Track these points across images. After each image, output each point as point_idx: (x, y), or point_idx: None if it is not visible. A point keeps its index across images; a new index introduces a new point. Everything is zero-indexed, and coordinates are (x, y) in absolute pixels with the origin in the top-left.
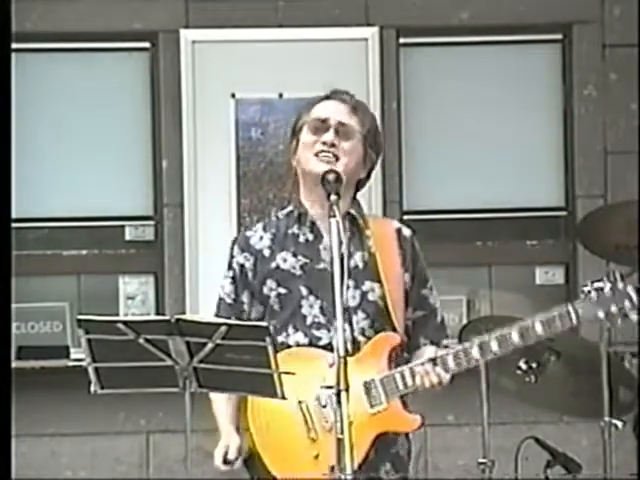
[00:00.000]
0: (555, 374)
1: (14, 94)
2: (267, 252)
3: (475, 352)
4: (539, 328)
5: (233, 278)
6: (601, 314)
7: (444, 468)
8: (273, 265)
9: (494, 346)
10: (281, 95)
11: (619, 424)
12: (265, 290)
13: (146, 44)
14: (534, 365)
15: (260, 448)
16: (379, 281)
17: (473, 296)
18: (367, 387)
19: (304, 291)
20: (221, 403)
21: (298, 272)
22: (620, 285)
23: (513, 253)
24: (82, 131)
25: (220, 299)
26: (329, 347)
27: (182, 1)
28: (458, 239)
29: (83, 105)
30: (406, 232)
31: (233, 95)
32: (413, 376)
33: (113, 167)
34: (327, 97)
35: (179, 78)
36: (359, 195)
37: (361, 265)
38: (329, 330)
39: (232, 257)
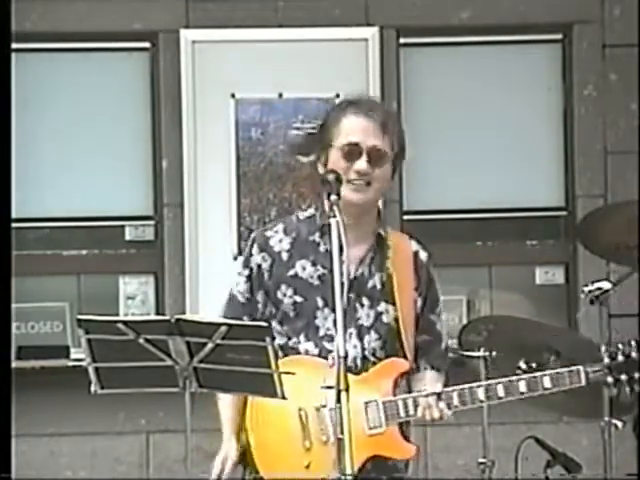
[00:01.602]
0: None
1: (14, 94)
2: (285, 256)
3: (481, 394)
4: (547, 382)
5: (249, 277)
6: (610, 379)
7: (444, 468)
8: (292, 272)
9: (500, 392)
10: (281, 95)
11: (619, 424)
12: (279, 294)
13: (146, 44)
14: (534, 365)
15: (254, 447)
16: (394, 303)
17: (473, 296)
18: (368, 408)
19: (320, 302)
20: (225, 408)
21: (316, 282)
22: (634, 354)
23: (513, 253)
24: (82, 131)
25: (231, 296)
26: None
27: (182, 1)
28: (458, 239)
29: (83, 105)
30: (423, 256)
31: (233, 95)
32: (415, 406)
33: (113, 167)
34: (354, 108)
35: (179, 78)
36: None
37: (379, 286)
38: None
39: (250, 255)
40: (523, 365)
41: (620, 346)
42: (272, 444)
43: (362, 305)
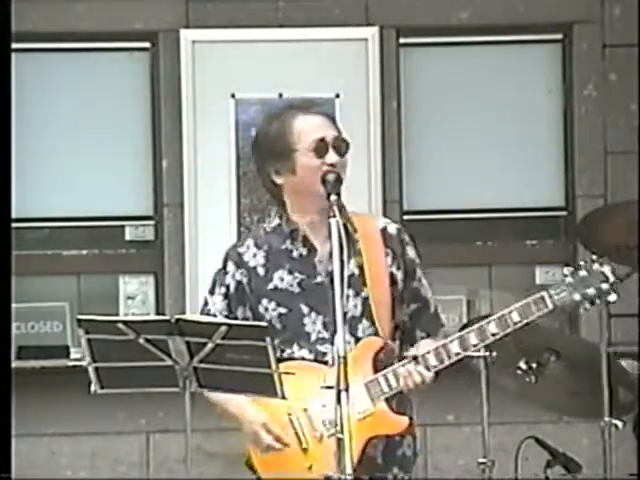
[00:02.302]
0: (555, 374)
1: (14, 94)
2: (262, 270)
3: (455, 346)
4: (515, 316)
5: (225, 295)
6: (577, 297)
7: (444, 468)
8: (271, 285)
9: (473, 339)
10: (281, 95)
11: (619, 424)
12: (261, 309)
13: (146, 44)
14: (534, 365)
15: (254, 456)
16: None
17: (473, 296)
18: (353, 393)
19: (305, 309)
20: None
21: (296, 290)
22: (595, 266)
23: (513, 253)
24: (82, 131)
25: (208, 316)
26: (333, 359)
27: (182, 1)
28: (458, 239)
29: (83, 105)
30: (392, 229)
31: (233, 95)
32: (397, 378)
33: (113, 167)
34: (295, 110)
35: (179, 78)
36: (358, 194)
37: (357, 272)
38: (332, 344)
39: (226, 273)
40: (523, 365)
41: (581, 263)
42: (273, 455)
43: (347, 297)
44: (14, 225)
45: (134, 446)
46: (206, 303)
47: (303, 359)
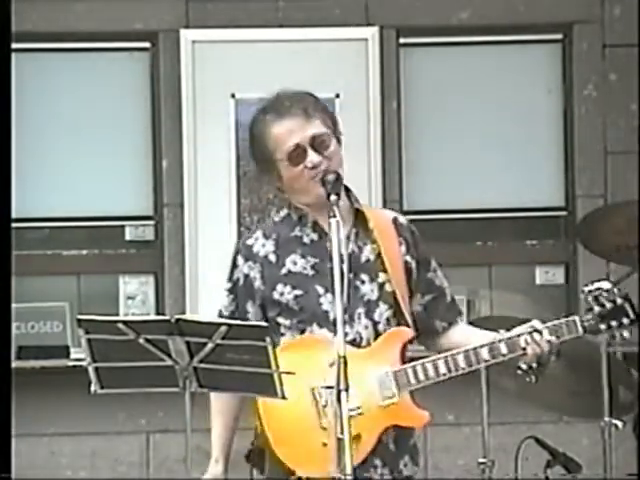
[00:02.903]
0: (555, 374)
1: (14, 94)
2: (273, 257)
3: (484, 353)
4: (546, 334)
5: (230, 290)
6: (603, 326)
7: (444, 468)
8: (284, 270)
9: (503, 349)
10: None
11: (619, 424)
12: (275, 295)
13: (146, 44)
14: (534, 365)
15: (274, 443)
16: (387, 272)
17: (473, 296)
18: (380, 380)
19: (320, 290)
20: (216, 425)
21: (310, 272)
22: (619, 301)
23: (513, 253)
24: (82, 131)
25: (218, 312)
26: (353, 342)
27: (182, 1)
28: (458, 239)
29: (83, 105)
30: (402, 219)
31: (233, 95)
32: (425, 371)
33: (113, 167)
34: (271, 113)
35: (179, 78)
36: (358, 194)
37: (372, 257)
38: (352, 326)
39: (235, 267)
40: (523, 365)
41: (604, 294)
42: (291, 433)
43: (363, 282)
44: (14, 225)
45: (134, 446)
46: (222, 298)
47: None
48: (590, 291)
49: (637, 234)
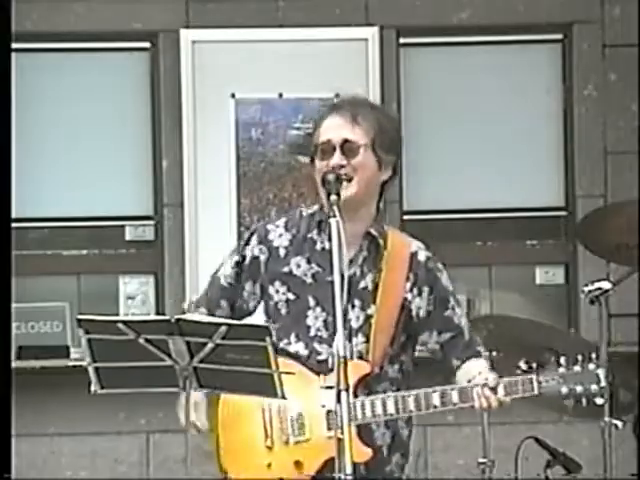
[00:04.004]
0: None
1: (14, 94)
2: (282, 252)
3: (435, 399)
4: (500, 390)
5: (238, 263)
6: (564, 390)
7: (444, 468)
8: (286, 269)
9: (455, 397)
10: (281, 95)
11: (619, 424)
12: (271, 290)
13: (146, 44)
14: (534, 365)
15: (222, 449)
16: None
17: (473, 296)
18: (328, 411)
19: (312, 302)
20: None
21: (309, 280)
22: (591, 366)
23: (513, 253)
24: (82, 131)
25: (213, 278)
26: (325, 364)
27: (182, 1)
28: (458, 239)
29: (83, 105)
30: (422, 256)
31: (233, 95)
32: (372, 406)
33: (113, 167)
34: (335, 108)
35: (179, 78)
36: None
37: (370, 287)
38: (330, 345)
39: (247, 244)
40: (523, 365)
41: (579, 357)
42: (238, 445)
43: (353, 306)
44: (14, 225)
45: (134, 446)
46: (222, 265)
47: (297, 354)
48: (590, 291)
49: (637, 234)
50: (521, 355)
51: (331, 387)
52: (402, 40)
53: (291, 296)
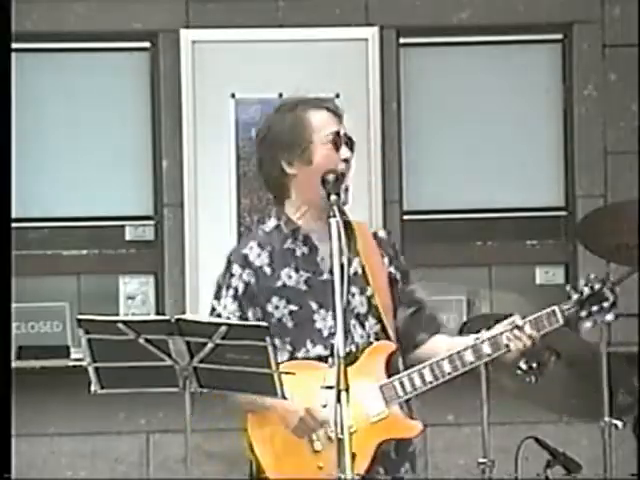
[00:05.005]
0: (555, 374)
1: (14, 94)
2: (268, 270)
3: (469, 355)
4: (528, 328)
5: (235, 297)
6: (584, 313)
7: (444, 468)
8: (279, 283)
9: (487, 348)
10: (281, 95)
11: (619, 424)
12: (270, 308)
13: (146, 44)
14: (534, 365)
15: (262, 458)
16: (371, 286)
17: (473, 296)
18: (367, 396)
19: (314, 306)
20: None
21: (304, 287)
22: (597, 285)
23: (513, 253)
24: (82, 131)
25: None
26: (350, 355)
27: (182, 1)
28: (458, 239)
29: (83, 105)
30: (382, 234)
31: (233, 95)
32: (412, 382)
33: (113, 167)
34: (306, 104)
35: (179, 78)
36: (358, 194)
37: (360, 271)
38: (346, 338)
39: (232, 275)
40: (523, 365)
41: (583, 282)
42: (282, 454)
43: (353, 294)
44: (14, 225)
45: (134, 446)
46: (213, 309)
47: (319, 357)
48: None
49: (637, 234)
50: (521, 355)
51: (331, 387)
52: (402, 40)
53: (293, 307)
